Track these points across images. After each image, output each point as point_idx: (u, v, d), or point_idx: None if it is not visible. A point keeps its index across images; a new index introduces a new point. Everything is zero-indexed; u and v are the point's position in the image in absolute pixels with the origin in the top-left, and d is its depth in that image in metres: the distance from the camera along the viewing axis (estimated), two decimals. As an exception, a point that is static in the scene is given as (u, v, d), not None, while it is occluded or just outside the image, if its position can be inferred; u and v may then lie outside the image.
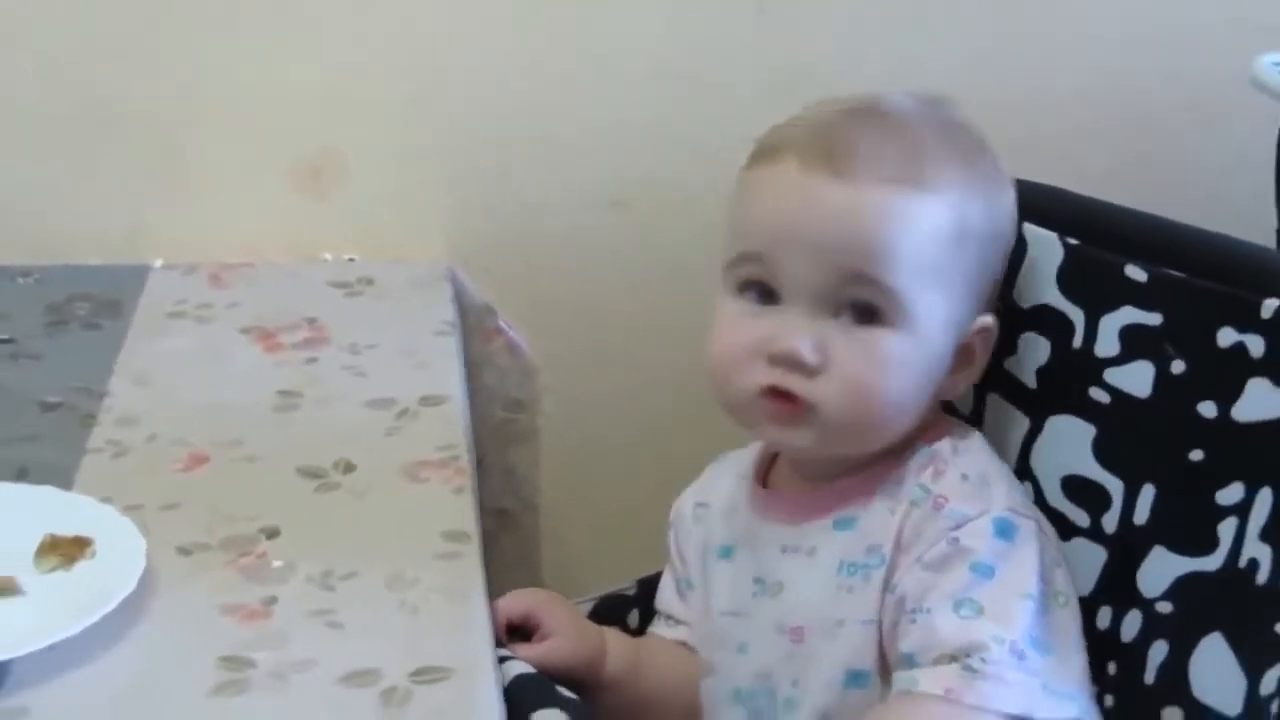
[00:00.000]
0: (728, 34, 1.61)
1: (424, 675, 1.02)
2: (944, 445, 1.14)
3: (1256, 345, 1.09)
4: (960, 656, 1.05)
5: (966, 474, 1.12)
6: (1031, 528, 1.11)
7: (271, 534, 1.17)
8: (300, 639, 1.06)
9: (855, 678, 1.11)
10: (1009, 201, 1.16)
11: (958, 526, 1.09)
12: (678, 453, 1.62)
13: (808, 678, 1.13)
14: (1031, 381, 1.21)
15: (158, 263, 1.58)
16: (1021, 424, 1.22)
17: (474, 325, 1.57)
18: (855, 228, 1.08)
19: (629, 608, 1.28)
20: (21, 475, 1.23)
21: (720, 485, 1.25)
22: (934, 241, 1.10)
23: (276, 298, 1.53)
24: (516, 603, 1.16)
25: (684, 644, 1.24)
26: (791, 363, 1.09)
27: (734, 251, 1.13)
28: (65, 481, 1.22)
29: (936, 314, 1.11)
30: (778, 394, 1.10)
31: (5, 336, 1.44)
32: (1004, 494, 1.12)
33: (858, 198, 1.09)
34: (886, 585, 1.11)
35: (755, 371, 1.11)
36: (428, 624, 1.08)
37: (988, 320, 1.15)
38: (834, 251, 1.09)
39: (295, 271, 1.59)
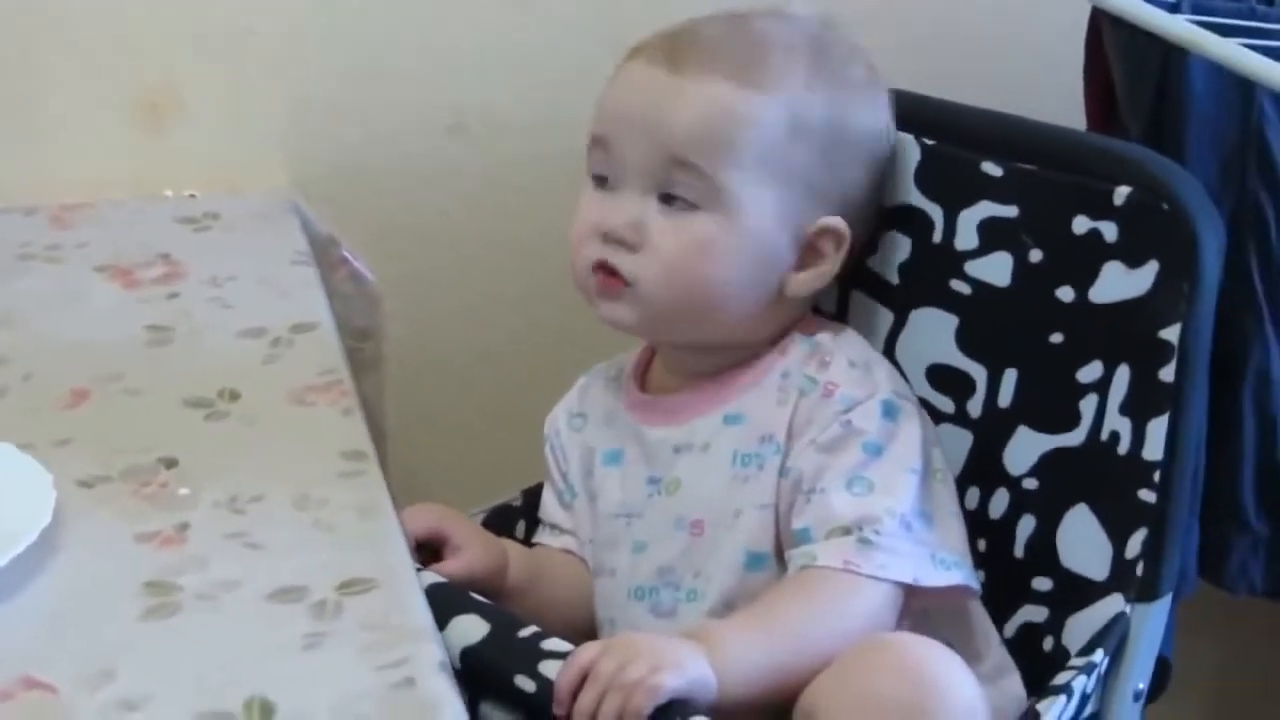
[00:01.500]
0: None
1: (350, 587, 1.05)
2: (824, 337, 1.21)
3: (1110, 231, 1.17)
4: (854, 529, 1.12)
5: (853, 361, 1.19)
6: (912, 408, 1.19)
7: (170, 464, 1.18)
8: (221, 561, 1.07)
9: (755, 560, 1.18)
10: (875, 115, 1.22)
11: (848, 410, 1.16)
12: (523, 370, 1.67)
13: (709, 568, 1.19)
14: (894, 277, 1.27)
15: (-5, 206, 1.56)
16: (885, 318, 1.28)
17: (318, 256, 1.58)
18: (678, 115, 1.17)
19: (516, 518, 1.32)
20: (-98, 421, 1.22)
21: (593, 396, 1.30)
22: (763, 138, 1.17)
23: (125, 236, 1.52)
24: (421, 519, 1.19)
25: (570, 552, 1.28)
26: (614, 239, 1.17)
27: (588, 139, 1.20)
28: (-52, 425, 1.21)
29: (765, 206, 1.18)
30: (603, 268, 1.18)
31: None
32: (886, 378, 1.19)
33: (687, 89, 1.17)
34: (781, 470, 1.16)
35: (591, 249, 1.19)
36: (343, 540, 1.10)
37: (833, 222, 1.20)
38: (657, 136, 1.17)
39: (138, 209, 1.58)
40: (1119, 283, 1.17)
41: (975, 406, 1.24)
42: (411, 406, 1.68)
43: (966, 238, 1.23)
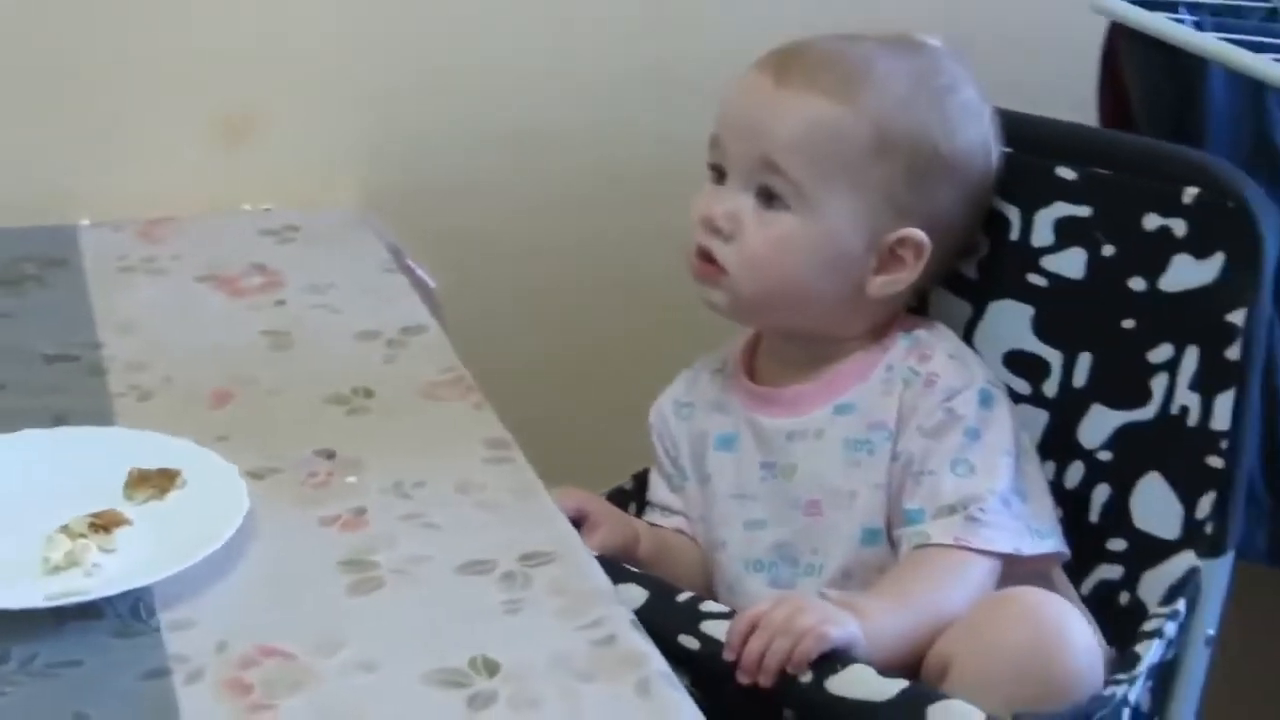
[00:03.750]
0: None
1: (531, 559, 1.15)
2: (921, 333, 1.33)
3: (1179, 227, 1.31)
4: (960, 509, 1.25)
5: (951, 354, 1.31)
6: (1002, 396, 1.31)
7: (329, 455, 1.27)
8: (406, 540, 1.17)
9: (870, 536, 1.30)
10: (969, 140, 1.33)
11: (950, 398, 1.29)
12: (577, 371, 1.78)
13: (827, 544, 1.31)
14: (973, 273, 1.40)
15: (85, 221, 1.64)
16: (964, 310, 1.41)
17: (383, 264, 1.67)
18: (775, 123, 1.30)
19: (628, 500, 1.43)
20: (61, 422, 1.30)
21: (701, 387, 1.41)
22: (847, 148, 1.29)
23: (215, 247, 1.61)
24: (570, 499, 1.29)
25: (681, 531, 1.40)
26: (710, 226, 1.31)
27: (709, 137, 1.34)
28: (108, 425, 1.30)
29: (844, 213, 1.30)
30: (702, 254, 1.30)
31: (-34, 299, 1.49)
32: (980, 369, 1.32)
33: (783, 98, 1.30)
34: (893, 455, 1.28)
35: (697, 235, 1.32)
36: (510, 518, 1.20)
37: (913, 233, 1.31)
38: (757, 140, 1.30)
39: (220, 223, 1.67)
40: (1187, 273, 1.30)
41: (1051, 388, 1.37)
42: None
43: (1043, 235, 1.36)
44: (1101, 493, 1.35)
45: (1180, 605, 1.27)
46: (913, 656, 1.20)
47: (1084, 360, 1.35)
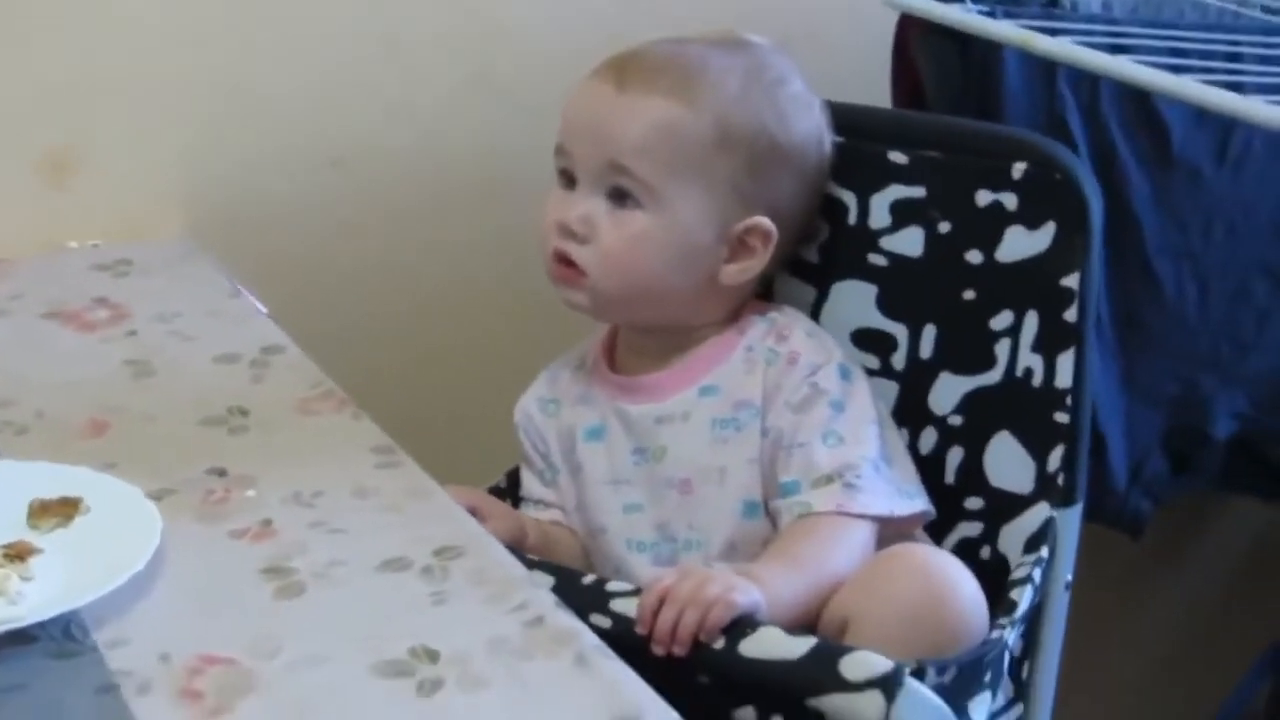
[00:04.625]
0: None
1: (445, 554, 1.19)
2: (775, 315, 1.41)
3: (1010, 200, 1.40)
4: (836, 477, 1.32)
5: (809, 333, 1.38)
6: (859, 370, 1.39)
7: (220, 473, 1.29)
8: (318, 545, 1.19)
9: (750, 509, 1.36)
10: (803, 130, 1.41)
11: (813, 373, 1.36)
12: (428, 377, 1.81)
13: (700, 520, 1.38)
14: (815, 258, 1.47)
15: (-91, 268, 1.63)
16: (809, 293, 1.48)
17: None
18: (620, 127, 1.36)
19: (504, 497, 1.47)
20: (-61, 461, 1.29)
21: (563, 383, 1.46)
22: (691, 146, 1.36)
23: (52, 285, 1.60)
24: (461, 495, 1.32)
25: (558, 523, 1.45)
26: (565, 231, 1.36)
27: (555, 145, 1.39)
28: (-11, 461, 1.30)
29: (693, 207, 1.37)
30: (560, 257, 1.35)
31: None
32: (835, 345, 1.40)
33: (626, 102, 1.36)
34: (762, 430, 1.35)
35: (553, 240, 1.38)
36: (414, 518, 1.23)
37: (760, 221, 1.39)
38: (604, 144, 1.36)
39: (51, 262, 1.66)
40: (1021, 243, 1.39)
41: (899, 360, 1.45)
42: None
43: (880, 217, 1.44)
44: (955, 455, 1.43)
45: (1044, 552, 1.35)
46: (806, 618, 1.26)
47: (929, 332, 1.44)
